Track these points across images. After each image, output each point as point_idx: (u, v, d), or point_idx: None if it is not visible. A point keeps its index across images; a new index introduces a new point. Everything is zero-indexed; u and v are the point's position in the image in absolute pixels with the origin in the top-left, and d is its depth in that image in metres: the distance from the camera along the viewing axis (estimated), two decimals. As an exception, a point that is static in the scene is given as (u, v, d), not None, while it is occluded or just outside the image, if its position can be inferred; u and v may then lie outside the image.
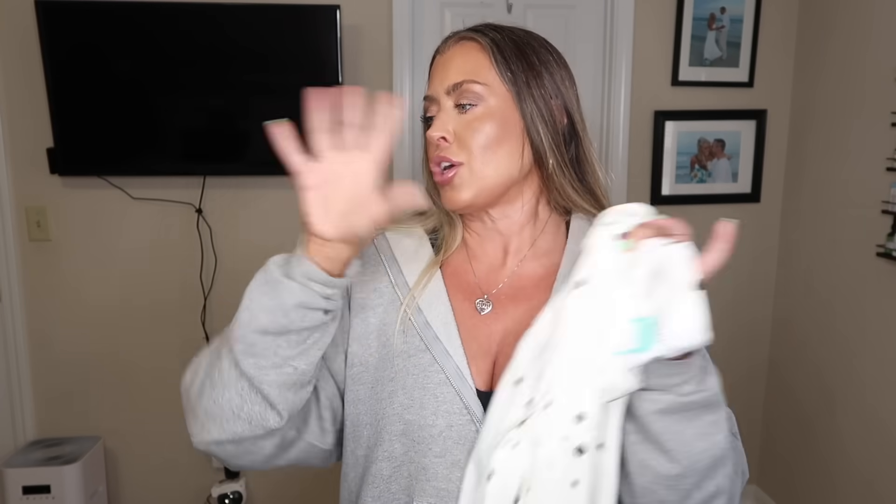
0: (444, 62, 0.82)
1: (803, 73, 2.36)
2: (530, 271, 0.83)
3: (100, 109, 2.12)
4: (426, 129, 0.82)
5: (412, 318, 0.79)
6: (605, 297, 0.62)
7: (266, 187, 2.30)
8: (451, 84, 0.79)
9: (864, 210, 2.04)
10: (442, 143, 0.79)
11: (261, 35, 2.11)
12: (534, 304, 0.79)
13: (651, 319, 0.60)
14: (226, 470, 2.41)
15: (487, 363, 0.79)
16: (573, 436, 0.64)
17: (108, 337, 2.33)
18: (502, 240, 0.85)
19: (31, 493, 2.11)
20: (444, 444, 0.75)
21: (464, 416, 0.75)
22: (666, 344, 0.59)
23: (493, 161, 0.79)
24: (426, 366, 0.77)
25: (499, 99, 0.80)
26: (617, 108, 2.37)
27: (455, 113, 0.80)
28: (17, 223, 2.25)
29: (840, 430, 2.18)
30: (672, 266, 0.60)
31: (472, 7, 2.31)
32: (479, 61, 0.81)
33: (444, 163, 0.79)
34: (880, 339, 1.99)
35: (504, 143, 0.80)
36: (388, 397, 0.77)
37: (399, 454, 0.77)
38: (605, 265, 0.63)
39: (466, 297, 0.82)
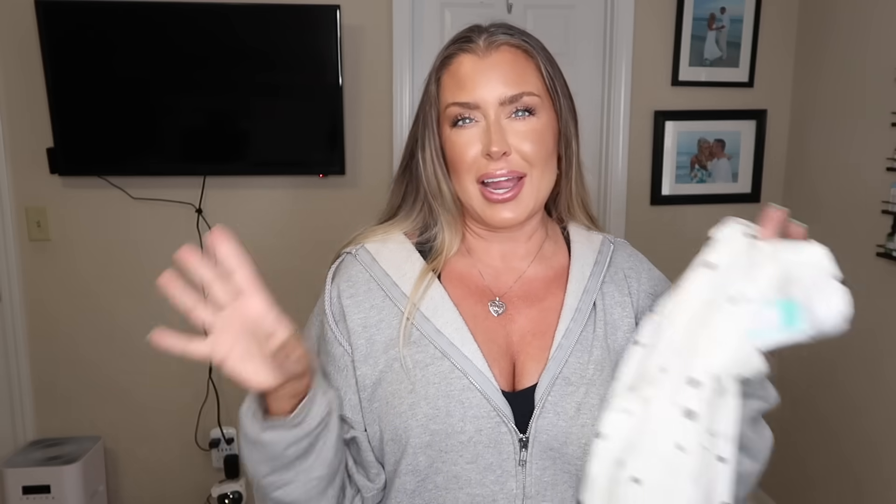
0: (486, 69, 0.78)
1: (803, 73, 2.36)
2: (540, 274, 0.85)
3: (100, 109, 2.12)
4: (446, 130, 0.80)
5: (420, 328, 0.77)
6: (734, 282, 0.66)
7: (266, 187, 2.30)
8: (509, 94, 0.77)
9: (864, 210, 2.04)
10: (502, 158, 0.76)
11: (261, 35, 2.11)
12: (546, 304, 0.82)
13: (797, 303, 0.64)
14: (226, 470, 2.41)
15: (507, 363, 0.78)
16: (683, 399, 0.66)
17: (108, 337, 2.33)
18: (510, 245, 0.85)
19: (31, 493, 2.11)
20: (474, 449, 0.73)
21: (493, 419, 0.74)
22: (813, 327, 0.64)
23: (547, 174, 0.80)
24: (446, 373, 0.75)
25: (547, 110, 0.80)
26: (617, 108, 2.37)
27: (510, 123, 0.77)
28: (17, 223, 2.25)
29: (840, 429, 2.18)
30: (808, 262, 0.64)
31: (472, 7, 2.31)
32: (528, 70, 0.80)
33: (504, 177, 0.77)
34: (881, 339, 1.99)
35: (553, 153, 0.81)
36: (408, 410, 0.75)
37: (423, 467, 0.75)
38: (737, 254, 0.67)
39: (478, 300, 0.81)
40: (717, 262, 0.68)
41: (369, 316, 0.80)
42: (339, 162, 2.23)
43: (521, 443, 0.74)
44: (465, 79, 0.78)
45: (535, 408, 0.74)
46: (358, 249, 0.84)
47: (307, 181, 2.30)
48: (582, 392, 0.76)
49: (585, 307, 0.81)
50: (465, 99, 0.78)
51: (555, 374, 0.76)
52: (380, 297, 0.80)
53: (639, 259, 0.91)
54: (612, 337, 0.81)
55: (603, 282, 0.84)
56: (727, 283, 0.67)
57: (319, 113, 2.18)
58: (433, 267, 0.81)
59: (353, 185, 2.31)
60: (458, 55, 0.80)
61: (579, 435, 0.74)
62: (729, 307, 0.66)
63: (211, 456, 2.42)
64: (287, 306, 0.75)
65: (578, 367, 0.77)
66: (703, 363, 0.66)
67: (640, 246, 0.82)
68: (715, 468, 0.67)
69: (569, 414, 0.74)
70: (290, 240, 2.33)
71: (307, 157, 2.24)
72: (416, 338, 0.77)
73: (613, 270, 0.86)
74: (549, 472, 0.75)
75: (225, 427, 2.41)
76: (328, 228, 2.30)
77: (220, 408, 2.40)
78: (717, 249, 0.69)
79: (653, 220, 2.44)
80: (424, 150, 0.83)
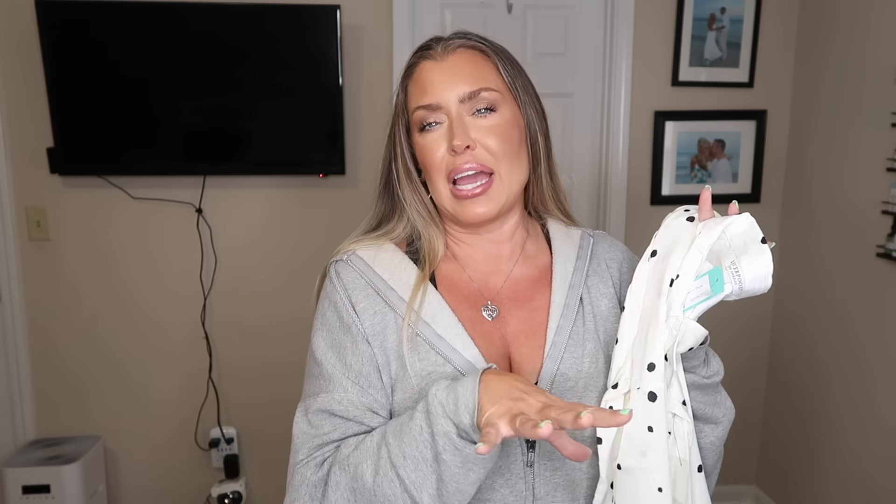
0: (445, 70, 0.81)
1: (803, 73, 2.36)
2: (525, 274, 0.86)
3: (100, 109, 2.12)
4: (415, 137, 0.82)
5: (421, 334, 0.78)
6: (674, 262, 0.73)
7: (266, 187, 2.30)
8: (466, 92, 0.79)
9: (864, 210, 2.04)
10: (467, 152, 0.78)
11: (261, 35, 2.11)
12: (534, 304, 0.84)
13: (717, 269, 0.71)
14: (226, 470, 2.41)
15: (505, 365, 0.80)
16: (645, 384, 0.72)
17: (108, 337, 2.33)
18: (494, 247, 0.86)
19: (31, 493, 2.11)
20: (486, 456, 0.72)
21: None
22: (740, 286, 0.71)
23: (516, 168, 0.82)
24: None
25: (509, 106, 0.82)
26: (617, 108, 2.37)
27: (472, 120, 0.80)
28: (17, 223, 2.25)
29: (840, 430, 2.18)
30: (735, 232, 0.72)
31: (472, 7, 2.31)
32: (486, 68, 0.82)
33: (471, 170, 0.79)
34: (880, 339, 1.99)
35: (521, 148, 0.83)
36: None
37: None
38: (677, 238, 0.75)
39: (471, 305, 0.83)
40: (658, 248, 0.77)
41: (375, 323, 0.80)
42: (339, 162, 2.23)
43: (528, 444, 0.75)
44: (426, 82, 0.82)
45: None
46: (350, 255, 0.84)
47: (307, 181, 2.30)
48: (581, 386, 0.78)
49: (573, 303, 0.83)
50: (427, 101, 0.81)
51: (553, 372, 0.78)
52: (380, 303, 0.80)
53: (618, 248, 0.93)
54: (602, 328, 0.83)
55: (587, 275, 0.86)
56: (667, 268, 0.74)
57: (319, 113, 2.18)
58: (427, 273, 0.82)
59: (353, 185, 2.31)
60: (419, 63, 0.85)
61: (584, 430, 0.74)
62: (667, 289, 0.73)
63: (211, 456, 2.42)
64: (287, 306, 0.75)
65: (574, 362, 0.79)
66: (653, 347, 0.72)
67: (641, 246, 0.82)
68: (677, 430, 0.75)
69: None
70: (291, 240, 2.33)
71: (307, 157, 2.24)
72: (417, 343, 0.78)
73: (596, 263, 0.88)
74: (560, 474, 0.76)
75: (225, 427, 2.41)
76: (328, 228, 2.30)
77: (220, 408, 2.40)
78: (658, 236, 0.78)
79: (653, 220, 2.42)
80: (397, 160, 0.86)
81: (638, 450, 0.73)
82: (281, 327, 2.32)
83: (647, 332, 0.74)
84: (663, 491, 0.72)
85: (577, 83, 2.41)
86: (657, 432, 0.72)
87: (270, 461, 2.47)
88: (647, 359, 0.73)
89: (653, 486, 0.72)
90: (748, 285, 0.71)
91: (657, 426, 0.72)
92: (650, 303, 0.75)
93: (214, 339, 2.36)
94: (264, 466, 2.48)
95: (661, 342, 0.72)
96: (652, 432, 0.72)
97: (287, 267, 2.33)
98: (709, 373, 0.78)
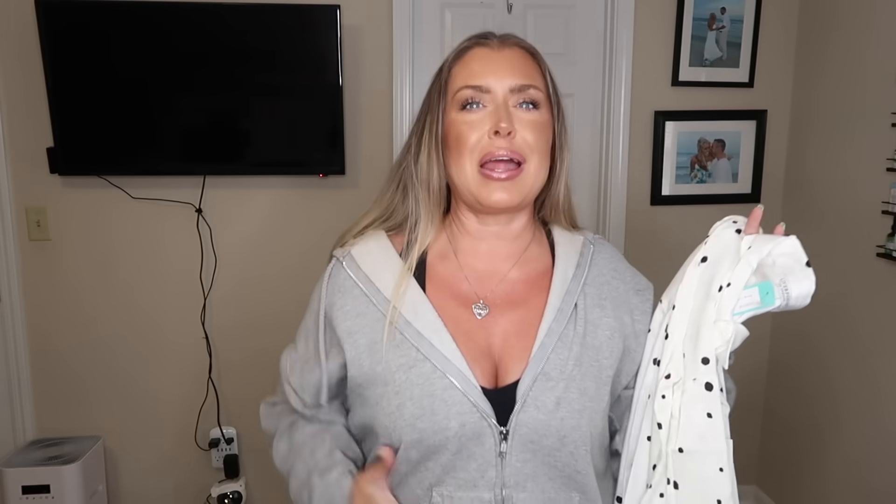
0: (500, 59, 0.85)
1: (803, 73, 2.36)
2: (523, 276, 0.89)
3: (100, 109, 2.12)
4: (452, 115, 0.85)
5: (402, 332, 0.82)
6: (723, 271, 0.82)
7: (266, 187, 2.30)
8: (518, 83, 0.84)
9: (864, 210, 2.04)
10: (507, 137, 0.82)
11: (261, 35, 2.11)
12: (530, 305, 0.86)
13: (769, 284, 0.80)
14: (225, 470, 2.41)
15: (489, 363, 0.83)
16: (701, 376, 0.81)
17: (108, 337, 2.33)
18: (497, 243, 0.90)
19: (31, 493, 2.11)
20: (459, 441, 0.79)
21: (474, 415, 0.78)
22: (786, 302, 0.80)
23: (543, 167, 0.86)
24: (428, 374, 0.80)
25: (547, 110, 0.87)
26: (617, 108, 2.37)
27: (517, 112, 0.84)
28: (17, 223, 2.25)
29: (840, 430, 2.18)
30: (782, 251, 0.81)
31: (473, 7, 2.31)
32: (535, 70, 0.87)
33: (506, 156, 0.82)
34: (880, 339, 1.99)
35: (548, 152, 0.87)
36: (396, 410, 0.80)
37: (415, 459, 0.81)
38: (725, 248, 0.83)
39: (461, 303, 0.86)
40: (708, 255, 0.84)
41: (354, 323, 0.85)
42: (339, 162, 2.23)
43: (502, 435, 0.79)
44: (479, 65, 0.85)
45: (516, 402, 0.79)
46: (345, 256, 0.89)
47: (307, 181, 2.30)
48: (562, 387, 0.81)
49: (567, 307, 0.85)
50: (477, 82, 0.84)
51: (537, 370, 0.81)
52: (364, 302, 0.85)
53: (619, 259, 0.96)
54: (591, 335, 0.85)
55: (584, 283, 0.88)
56: (717, 274, 0.82)
57: (319, 113, 2.18)
58: (410, 267, 0.86)
59: (353, 185, 2.31)
60: (473, 48, 0.87)
61: (558, 427, 0.79)
62: (718, 294, 0.81)
63: (211, 456, 2.42)
64: (287, 305, 0.78)
65: (559, 363, 0.82)
66: (706, 345, 0.81)
67: (640, 246, 0.83)
68: None
69: (548, 408, 0.79)
70: (291, 239, 2.33)
71: (307, 157, 2.24)
72: (398, 341, 0.82)
73: (596, 272, 0.91)
74: (531, 465, 0.80)
75: (225, 427, 2.41)
76: (328, 228, 2.29)
77: (220, 408, 2.40)
78: (708, 244, 0.85)
79: (653, 220, 2.44)
80: (424, 134, 0.88)
81: (698, 434, 0.81)
82: (281, 327, 2.31)
83: (697, 329, 0.82)
84: (724, 471, 0.80)
85: (577, 83, 2.41)
86: (715, 418, 0.80)
87: (270, 461, 2.46)
88: (700, 353, 0.81)
89: (714, 467, 0.80)
90: (793, 302, 0.80)
91: (715, 413, 0.81)
92: (700, 303, 0.83)
93: (214, 339, 2.36)
94: (264, 466, 2.48)
95: (712, 340, 0.81)
96: (711, 418, 0.80)
97: (287, 267, 2.33)
98: (732, 360, 0.85)
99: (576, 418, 0.80)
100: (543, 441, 0.79)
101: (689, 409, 0.82)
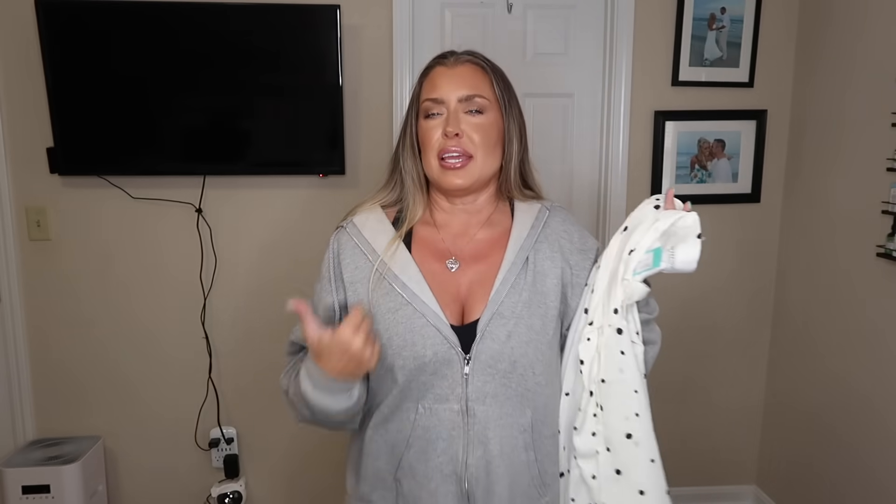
0: (453, 75, 1.08)
1: (803, 73, 2.36)
2: (487, 237, 1.12)
3: (100, 109, 2.12)
4: (420, 121, 1.10)
5: (391, 283, 1.05)
6: (635, 238, 1.02)
7: (266, 187, 2.30)
8: (465, 94, 1.07)
9: (864, 210, 2.04)
10: (455, 138, 1.06)
11: (261, 35, 2.11)
12: (491, 260, 1.09)
13: (659, 249, 0.99)
14: (226, 470, 2.41)
15: (458, 306, 1.06)
16: (614, 323, 1.02)
17: (108, 337, 2.33)
18: (466, 217, 1.14)
19: (31, 493, 2.11)
20: (434, 366, 1.02)
21: (445, 345, 1.02)
22: (672, 265, 0.98)
23: (490, 157, 1.10)
24: (410, 315, 1.03)
25: (494, 113, 1.10)
26: (617, 108, 2.37)
27: (465, 117, 1.07)
28: (17, 223, 2.25)
29: (840, 430, 2.18)
30: (683, 225, 0.99)
31: (473, 7, 2.31)
32: (483, 81, 1.09)
33: (456, 152, 1.06)
34: (880, 339, 1.99)
35: (497, 145, 1.11)
36: (386, 342, 1.03)
37: (402, 381, 1.04)
38: (642, 219, 1.03)
39: (437, 259, 1.09)
40: (628, 225, 1.05)
41: (354, 274, 1.09)
42: (339, 162, 2.23)
43: (466, 360, 1.02)
44: (437, 81, 1.09)
45: (476, 335, 1.03)
46: (348, 224, 1.14)
47: (307, 181, 2.30)
48: (512, 323, 1.04)
49: (520, 261, 1.08)
50: (434, 95, 1.08)
51: (493, 311, 1.04)
52: (362, 259, 1.09)
53: (570, 223, 1.17)
54: (540, 283, 1.08)
55: (537, 241, 1.11)
56: (629, 240, 1.03)
57: (319, 113, 2.18)
58: (401, 234, 1.09)
59: (353, 185, 2.31)
60: (435, 67, 1.11)
61: (509, 354, 1.03)
62: (627, 257, 1.02)
63: (211, 456, 2.42)
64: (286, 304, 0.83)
65: (511, 305, 1.05)
66: (615, 298, 1.02)
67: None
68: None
69: (501, 339, 1.03)
70: (291, 239, 2.33)
71: (307, 157, 2.24)
72: (387, 289, 1.05)
73: (548, 232, 1.13)
74: (490, 385, 1.03)
75: (225, 427, 2.41)
76: (328, 228, 2.29)
77: (220, 408, 2.40)
78: (631, 216, 1.06)
79: (653, 220, 2.44)
80: (405, 137, 1.13)
81: (616, 368, 1.02)
82: (281, 327, 2.32)
83: (610, 285, 1.04)
84: (638, 392, 1.02)
85: (577, 83, 2.41)
86: (627, 355, 1.02)
87: (270, 461, 2.48)
88: (612, 305, 1.03)
89: (630, 390, 1.02)
90: (679, 265, 0.98)
91: (626, 351, 1.02)
92: (614, 264, 1.04)
93: (214, 339, 2.36)
94: (264, 466, 2.48)
95: (618, 295, 1.02)
96: (624, 355, 1.02)
97: (287, 267, 2.34)
98: (649, 310, 1.11)
99: (524, 348, 1.03)
100: (498, 365, 1.02)
101: (606, 348, 1.03)
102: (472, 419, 1.03)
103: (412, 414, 1.04)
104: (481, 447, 1.03)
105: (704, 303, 2.51)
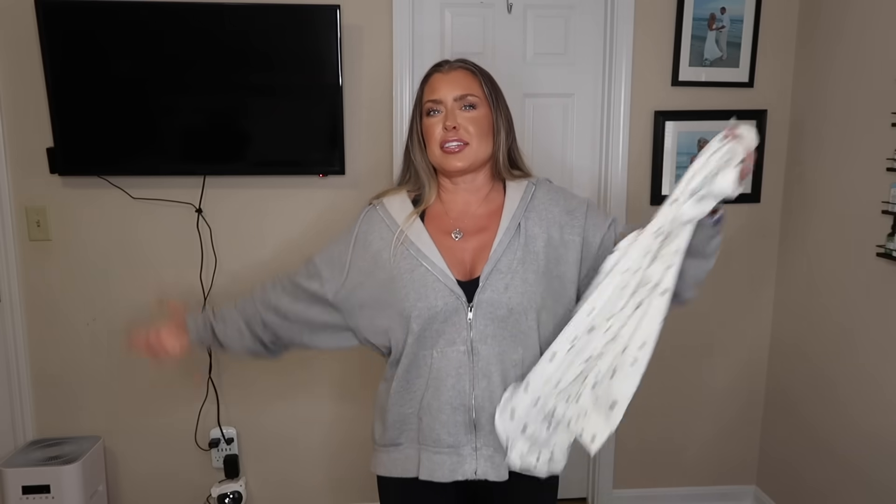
0: (448, 79, 1.32)
1: (803, 73, 2.36)
2: (484, 212, 1.35)
3: (100, 109, 2.12)
4: (424, 120, 1.34)
5: (409, 249, 1.29)
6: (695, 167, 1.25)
7: (266, 187, 2.30)
8: (459, 94, 1.31)
9: (864, 210, 2.04)
10: (453, 130, 1.29)
11: (261, 35, 2.11)
12: (490, 230, 1.31)
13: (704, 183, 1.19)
14: (226, 470, 2.41)
15: (464, 268, 1.29)
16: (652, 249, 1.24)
17: (108, 336, 2.33)
18: (467, 195, 1.36)
19: (31, 493, 2.12)
20: (444, 314, 1.26)
21: (452, 297, 1.25)
22: (710, 190, 1.18)
23: (483, 144, 1.33)
24: (423, 274, 1.27)
25: (484, 108, 1.33)
26: (617, 108, 2.37)
27: (460, 112, 1.31)
28: (17, 223, 2.25)
29: (840, 430, 2.18)
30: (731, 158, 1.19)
31: (473, 7, 2.31)
32: (474, 83, 1.34)
33: (456, 141, 1.29)
34: (880, 339, 1.99)
35: (488, 134, 1.34)
36: (403, 298, 1.27)
37: (417, 329, 1.27)
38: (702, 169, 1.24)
39: (444, 231, 1.33)
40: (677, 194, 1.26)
41: (378, 242, 1.34)
42: (339, 162, 2.23)
43: (470, 308, 1.25)
44: (435, 85, 1.33)
45: (478, 286, 1.25)
46: (379, 204, 1.38)
47: (307, 181, 2.30)
48: (509, 277, 1.26)
49: (513, 227, 1.30)
50: (434, 97, 1.32)
51: (492, 267, 1.26)
52: (387, 232, 1.34)
53: (554, 191, 1.39)
54: (531, 244, 1.30)
55: (527, 210, 1.33)
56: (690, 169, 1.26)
57: (319, 113, 2.18)
58: (418, 211, 1.34)
59: (353, 185, 2.31)
60: (433, 74, 1.35)
61: (507, 302, 1.25)
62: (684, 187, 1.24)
63: (211, 456, 2.42)
64: None
65: (507, 262, 1.27)
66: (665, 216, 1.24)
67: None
68: None
69: (500, 290, 1.25)
70: (291, 239, 2.33)
71: (307, 157, 2.24)
72: (406, 254, 1.30)
73: (536, 203, 1.35)
74: (490, 328, 1.25)
75: (225, 427, 2.41)
76: (328, 228, 2.30)
77: (220, 408, 2.40)
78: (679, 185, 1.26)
79: (653, 221, 2.44)
80: (412, 135, 1.37)
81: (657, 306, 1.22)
82: (281, 327, 2.32)
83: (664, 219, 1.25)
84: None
85: (577, 83, 2.41)
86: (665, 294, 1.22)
87: (270, 461, 2.48)
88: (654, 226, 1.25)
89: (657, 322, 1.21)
90: (716, 190, 1.17)
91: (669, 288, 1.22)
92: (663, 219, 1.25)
93: (214, 339, 2.36)
94: (264, 466, 2.48)
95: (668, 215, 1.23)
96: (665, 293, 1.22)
97: (287, 267, 2.32)
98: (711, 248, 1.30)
99: (519, 297, 1.25)
100: (497, 312, 1.25)
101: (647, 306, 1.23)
102: (476, 357, 1.25)
103: (429, 360, 1.27)
104: (485, 380, 1.26)
105: (704, 302, 2.51)
